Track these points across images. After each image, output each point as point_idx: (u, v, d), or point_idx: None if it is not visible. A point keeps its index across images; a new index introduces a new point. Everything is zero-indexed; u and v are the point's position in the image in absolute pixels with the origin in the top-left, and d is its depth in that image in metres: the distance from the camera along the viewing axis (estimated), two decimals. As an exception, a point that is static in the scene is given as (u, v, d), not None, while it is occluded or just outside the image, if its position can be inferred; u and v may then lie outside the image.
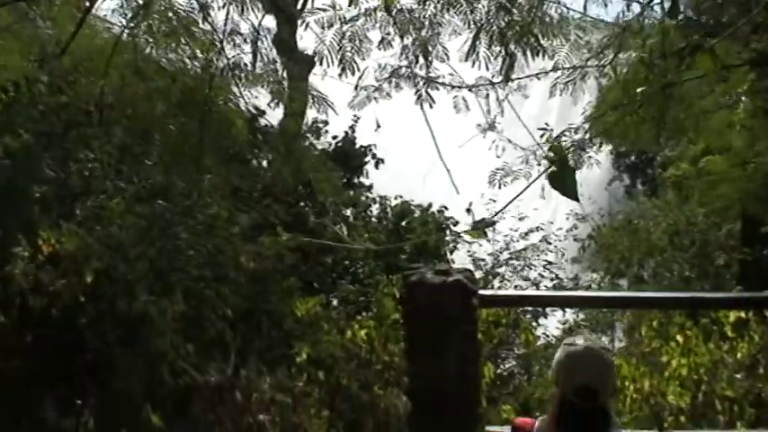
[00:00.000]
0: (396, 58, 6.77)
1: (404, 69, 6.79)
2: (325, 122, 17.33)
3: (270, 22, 20.04)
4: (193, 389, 8.23)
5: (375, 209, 18.84)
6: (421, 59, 6.67)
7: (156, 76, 6.76)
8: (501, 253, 15.05)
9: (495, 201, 15.95)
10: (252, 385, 7.93)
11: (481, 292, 6.43)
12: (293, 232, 15.49)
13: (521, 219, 15.00)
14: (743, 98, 8.29)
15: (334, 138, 17.14)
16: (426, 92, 6.72)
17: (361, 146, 17.23)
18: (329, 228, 17.41)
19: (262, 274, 9.69)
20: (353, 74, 6.81)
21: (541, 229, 14.99)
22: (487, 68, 6.54)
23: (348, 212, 18.52)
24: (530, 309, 10.44)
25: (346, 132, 17.08)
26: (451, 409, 5.32)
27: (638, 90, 5.56)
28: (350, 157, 17.12)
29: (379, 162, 17.19)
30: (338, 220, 17.78)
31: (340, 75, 6.78)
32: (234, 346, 8.71)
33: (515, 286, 13.82)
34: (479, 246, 15.06)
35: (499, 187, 7.15)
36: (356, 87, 7.05)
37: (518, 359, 9.15)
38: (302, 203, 17.01)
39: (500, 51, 6.39)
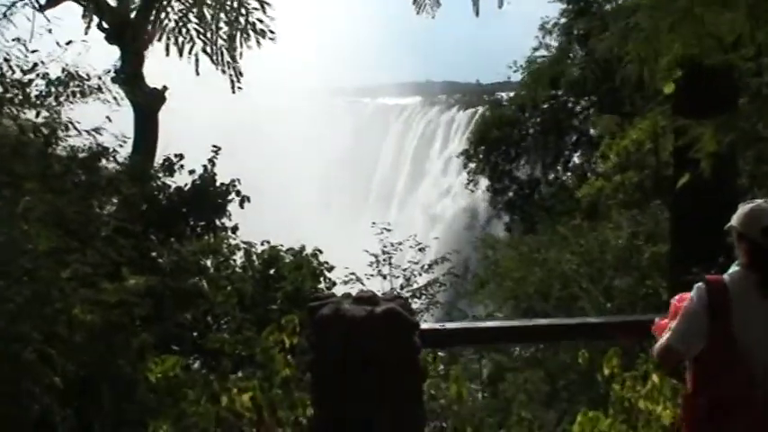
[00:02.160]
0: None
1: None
2: (180, 156, 15.20)
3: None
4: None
5: (239, 257, 16.82)
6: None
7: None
8: (400, 290, 13.28)
9: (389, 230, 14.63)
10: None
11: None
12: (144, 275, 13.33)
13: (421, 249, 13.39)
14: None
15: (191, 173, 14.96)
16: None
17: (222, 183, 15.13)
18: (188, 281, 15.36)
19: (104, 329, 7.37)
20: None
21: (447, 260, 13.36)
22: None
23: (208, 263, 16.41)
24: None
25: (204, 167, 14.95)
26: None
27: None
28: (209, 195, 14.97)
29: (244, 201, 15.10)
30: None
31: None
32: (65, 427, 6.40)
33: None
34: (375, 280, 13.21)
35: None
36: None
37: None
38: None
39: None
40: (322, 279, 17.31)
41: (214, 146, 15.11)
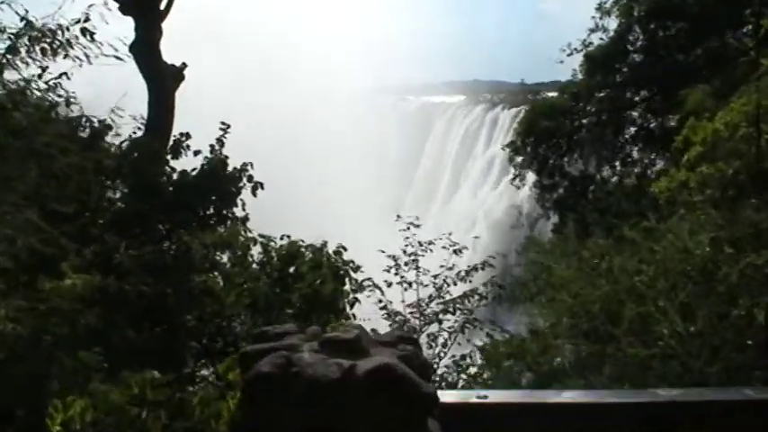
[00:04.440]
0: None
1: None
2: (187, 135, 13.40)
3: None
4: None
5: (256, 251, 15.01)
6: None
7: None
8: (428, 303, 11.07)
9: (418, 225, 12.51)
10: None
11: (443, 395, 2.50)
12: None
13: (457, 252, 11.20)
14: None
15: (196, 154, 13.13)
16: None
17: (235, 168, 13.25)
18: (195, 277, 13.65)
19: (30, 344, 5.50)
20: None
21: (490, 265, 11.17)
22: None
23: (224, 257, 14.65)
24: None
25: (212, 147, 13.11)
26: None
27: None
28: (220, 181, 13.13)
29: (257, 187, 13.23)
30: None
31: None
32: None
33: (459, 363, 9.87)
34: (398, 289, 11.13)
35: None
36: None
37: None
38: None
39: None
40: (347, 280, 15.51)
41: (222, 123, 13.26)
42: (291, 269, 14.81)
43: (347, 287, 15.37)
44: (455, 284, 11.09)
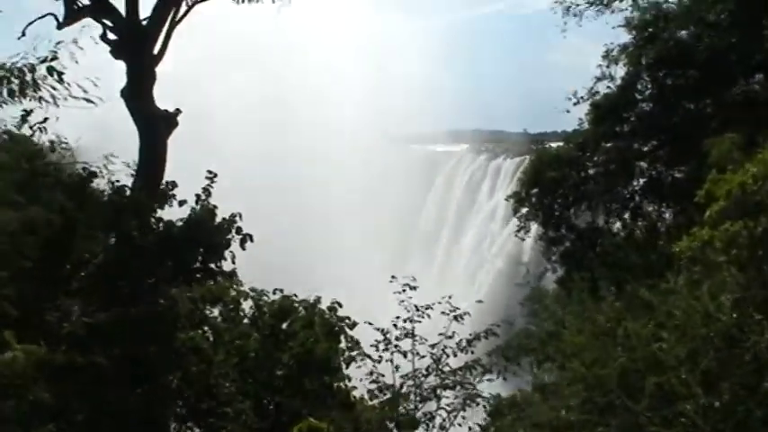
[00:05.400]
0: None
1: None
2: (173, 184, 12.74)
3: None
4: None
5: (248, 306, 14.22)
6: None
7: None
8: (425, 375, 10.08)
9: (413, 287, 11.55)
10: None
11: None
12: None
13: (457, 318, 10.27)
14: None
15: (181, 204, 12.42)
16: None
17: (224, 218, 12.52)
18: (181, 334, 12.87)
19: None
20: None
21: (494, 333, 10.25)
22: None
23: (215, 311, 13.87)
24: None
25: (197, 197, 12.40)
26: None
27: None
28: (207, 233, 12.39)
29: (246, 240, 12.48)
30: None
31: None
32: None
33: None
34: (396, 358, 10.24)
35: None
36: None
37: None
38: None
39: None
40: (342, 338, 14.68)
41: (209, 171, 12.58)
42: (284, 325, 14.06)
43: (342, 344, 14.67)
44: (455, 356, 10.16)
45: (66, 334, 8.87)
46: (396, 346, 10.74)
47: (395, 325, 10.76)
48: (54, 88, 7.78)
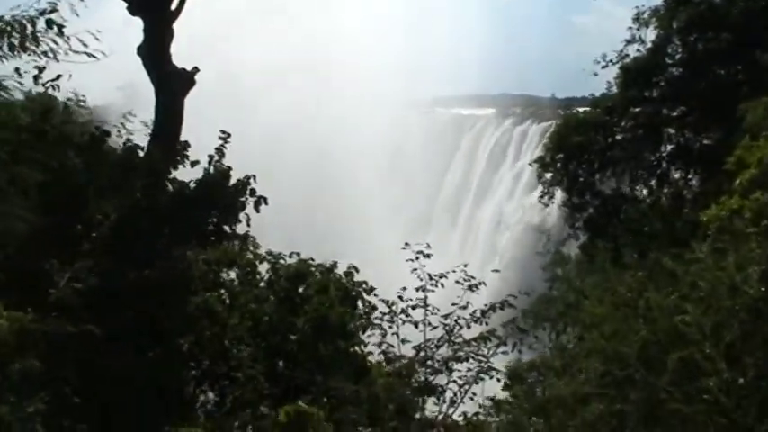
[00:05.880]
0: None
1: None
2: (186, 144, 12.48)
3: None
4: None
5: (264, 269, 13.99)
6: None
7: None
8: (437, 346, 9.76)
9: (427, 255, 11.20)
10: None
11: None
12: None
13: (472, 288, 9.92)
14: None
15: (194, 165, 12.17)
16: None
17: (238, 180, 12.26)
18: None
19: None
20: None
21: (510, 305, 9.88)
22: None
23: (232, 274, 13.67)
24: None
25: (210, 158, 12.13)
26: None
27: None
28: (220, 194, 12.14)
29: (260, 202, 12.23)
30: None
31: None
32: None
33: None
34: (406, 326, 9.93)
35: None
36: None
37: None
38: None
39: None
40: (359, 302, 14.43)
41: (222, 131, 12.30)
42: (301, 289, 13.84)
43: (360, 308, 14.42)
44: (468, 327, 9.82)
45: (56, 300, 8.67)
46: (402, 317, 10.42)
47: (400, 297, 10.42)
48: (55, 42, 7.49)
